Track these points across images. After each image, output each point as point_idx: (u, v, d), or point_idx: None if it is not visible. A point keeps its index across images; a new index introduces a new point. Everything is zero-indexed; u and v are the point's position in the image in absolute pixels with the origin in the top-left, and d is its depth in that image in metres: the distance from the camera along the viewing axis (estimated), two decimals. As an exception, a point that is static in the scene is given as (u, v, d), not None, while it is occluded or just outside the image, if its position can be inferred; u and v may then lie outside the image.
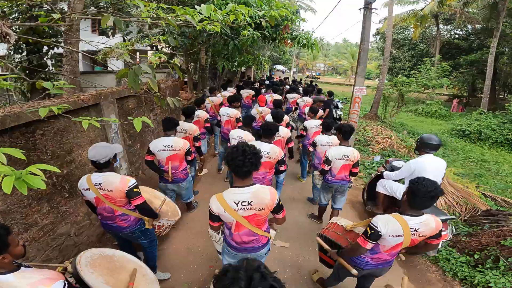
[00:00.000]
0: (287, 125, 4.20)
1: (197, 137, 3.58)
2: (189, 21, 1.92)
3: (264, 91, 8.01)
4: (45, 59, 6.37)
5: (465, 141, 10.77)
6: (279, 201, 1.81)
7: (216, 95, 5.76)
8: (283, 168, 2.99)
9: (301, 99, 6.28)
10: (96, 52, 3.46)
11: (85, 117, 1.63)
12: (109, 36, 6.95)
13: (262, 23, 2.78)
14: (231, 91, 6.90)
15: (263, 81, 12.21)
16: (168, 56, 6.16)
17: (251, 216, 1.73)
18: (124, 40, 6.34)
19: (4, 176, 0.95)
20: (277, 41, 6.62)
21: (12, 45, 5.24)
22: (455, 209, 3.96)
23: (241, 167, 1.62)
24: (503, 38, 14.98)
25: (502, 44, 15.70)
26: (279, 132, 3.50)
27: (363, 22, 5.86)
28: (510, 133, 10.18)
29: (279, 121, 3.72)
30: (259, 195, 1.70)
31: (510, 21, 15.41)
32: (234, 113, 4.43)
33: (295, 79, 18.76)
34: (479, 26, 17.54)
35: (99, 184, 2.01)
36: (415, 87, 11.89)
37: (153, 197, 2.90)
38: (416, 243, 1.82)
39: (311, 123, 4.34)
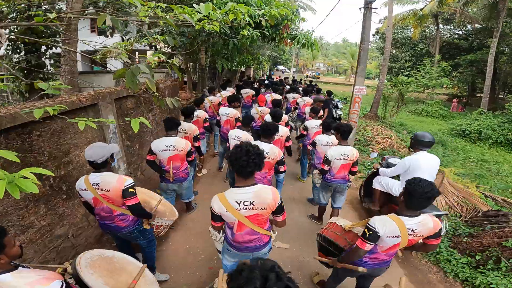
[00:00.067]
0: (286, 125, 4.18)
1: (196, 137, 3.57)
2: (188, 20, 1.90)
3: (263, 90, 7.98)
4: (44, 59, 6.34)
5: (465, 141, 10.76)
6: (281, 202, 1.79)
7: (215, 95, 5.75)
8: (282, 169, 2.97)
9: (301, 99, 6.25)
10: (94, 52, 3.44)
11: (82, 118, 1.60)
12: (108, 36, 6.92)
13: (261, 22, 2.77)
14: (231, 90, 6.87)
15: (262, 81, 12.15)
16: (167, 56, 6.13)
17: (253, 216, 1.72)
18: (122, 40, 6.32)
19: (-4, 179, 0.93)
20: (276, 40, 6.60)
21: (6, 45, 5.21)
22: (456, 210, 3.95)
23: (245, 168, 1.61)
24: (503, 37, 14.97)
25: (502, 43, 15.71)
26: (278, 131, 3.48)
27: (363, 21, 5.85)
28: (510, 133, 10.18)
29: (277, 120, 3.71)
30: (261, 195, 1.69)
31: (510, 21, 15.40)
32: (233, 113, 4.41)
33: (295, 78, 18.73)
34: (479, 25, 17.55)
35: (97, 184, 2.00)
36: (415, 87, 11.90)
37: (149, 197, 2.89)
38: (413, 243, 1.82)
39: (312, 123, 4.32)
